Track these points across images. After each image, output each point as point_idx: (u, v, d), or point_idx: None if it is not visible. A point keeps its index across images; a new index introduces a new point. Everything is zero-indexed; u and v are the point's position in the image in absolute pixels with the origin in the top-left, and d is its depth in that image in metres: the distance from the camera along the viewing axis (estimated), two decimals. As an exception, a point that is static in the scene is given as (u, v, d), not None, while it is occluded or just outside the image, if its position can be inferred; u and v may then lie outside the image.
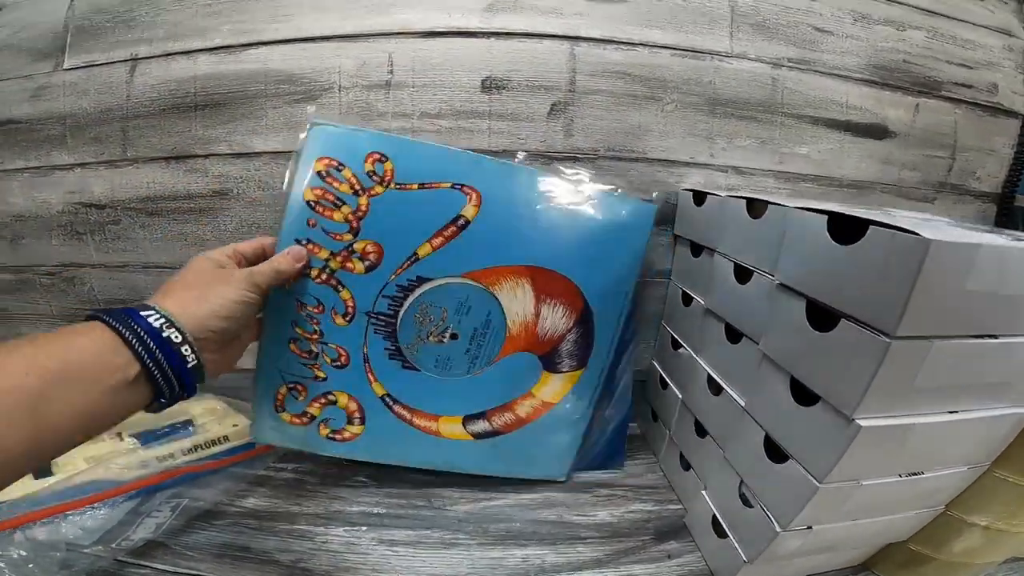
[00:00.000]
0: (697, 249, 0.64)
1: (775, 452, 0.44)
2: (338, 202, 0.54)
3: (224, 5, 0.68)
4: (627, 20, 0.67)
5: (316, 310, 0.56)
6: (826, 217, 0.39)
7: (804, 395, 0.41)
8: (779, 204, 0.46)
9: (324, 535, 0.56)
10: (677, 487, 0.65)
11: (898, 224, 0.32)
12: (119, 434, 0.64)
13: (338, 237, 0.54)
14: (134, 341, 0.36)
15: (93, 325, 0.37)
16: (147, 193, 0.73)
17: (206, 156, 0.71)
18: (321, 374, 0.58)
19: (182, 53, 0.69)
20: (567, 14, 0.66)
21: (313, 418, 0.59)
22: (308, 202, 0.53)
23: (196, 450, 0.63)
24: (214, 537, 0.55)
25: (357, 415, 0.60)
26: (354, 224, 0.54)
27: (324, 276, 0.55)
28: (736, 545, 0.49)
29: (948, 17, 0.73)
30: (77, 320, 0.37)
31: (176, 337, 0.38)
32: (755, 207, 0.50)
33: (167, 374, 0.38)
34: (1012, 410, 0.40)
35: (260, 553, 0.53)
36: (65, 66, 0.71)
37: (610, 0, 0.67)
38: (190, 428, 0.67)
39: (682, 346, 0.65)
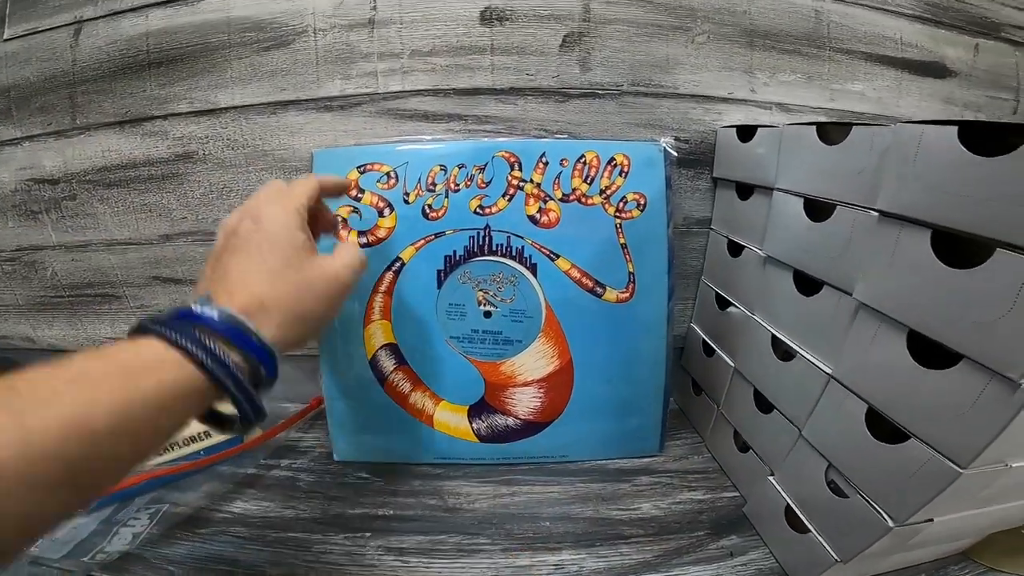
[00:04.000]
0: (745, 190, 0.55)
1: (882, 429, 0.36)
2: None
3: (177, -49, 0.59)
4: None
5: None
6: (956, 127, 0.30)
7: (929, 355, 0.32)
8: (868, 124, 0.37)
9: (322, 543, 0.50)
10: (732, 472, 0.57)
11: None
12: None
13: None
14: (233, 388, 0.29)
15: (167, 361, 0.28)
16: (103, 163, 0.65)
17: (164, 117, 0.62)
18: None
19: (131, 10, 0.61)
20: (573, -66, 0.58)
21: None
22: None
23: (173, 448, 0.56)
24: (197, 548, 0.49)
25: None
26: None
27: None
28: (822, 541, 0.41)
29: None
30: (45, 308, 0.28)
31: (268, 373, 0.32)
32: (829, 132, 0.41)
33: (257, 407, 0.31)
34: None
35: (249, 567, 0.47)
36: (5, 37, 0.63)
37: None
38: (165, 424, 0.59)
39: (732, 304, 0.57)
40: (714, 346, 0.60)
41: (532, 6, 0.58)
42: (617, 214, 0.55)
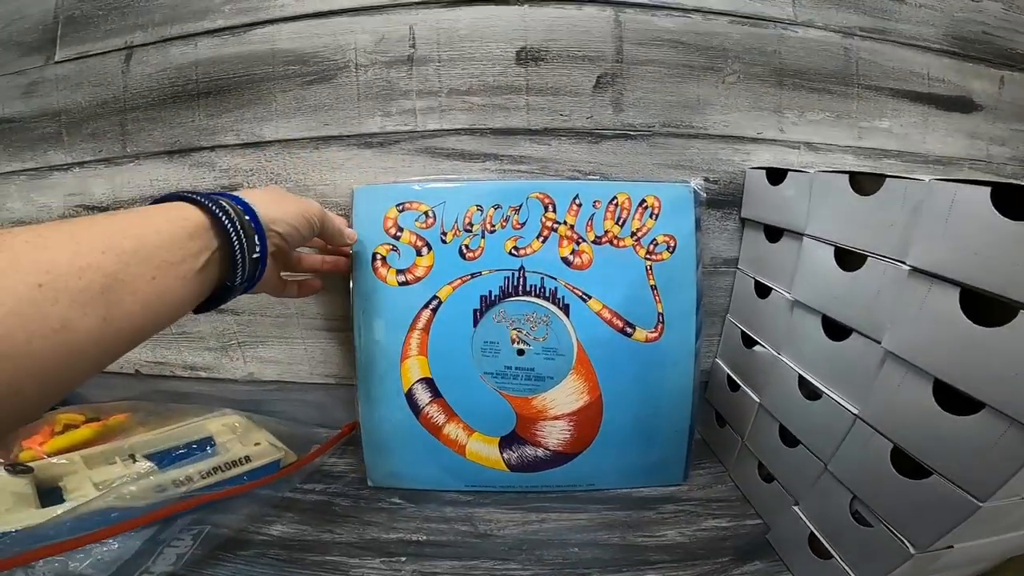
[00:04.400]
0: (774, 233, 0.56)
1: (906, 465, 0.38)
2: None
3: (226, -18, 0.62)
4: (676, -17, 0.60)
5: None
6: (989, 189, 0.31)
7: (952, 399, 0.34)
8: (902, 177, 0.38)
9: (359, 568, 0.51)
10: (756, 500, 0.58)
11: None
12: (132, 456, 0.59)
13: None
14: (223, 217, 0.36)
15: (173, 205, 0.36)
16: (151, 191, 0.67)
17: (212, 148, 0.65)
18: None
19: (180, 38, 0.63)
20: (608, -24, 0.60)
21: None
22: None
23: (216, 472, 0.57)
24: (240, 570, 0.50)
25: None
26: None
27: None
28: (845, 567, 0.43)
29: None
30: None
31: (253, 223, 0.39)
32: (861, 182, 0.43)
33: (245, 252, 0.38)
34: None
35: None
36: (57, 59, 0.66)
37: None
38: (208, 448, 0.62)
39: (758, 343, 0.58)
40: (739, 382, 0.61)
41: (566, 47, 0.60)
42: (647, 256, 0.58)
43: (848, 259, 0.44)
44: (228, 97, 0.63)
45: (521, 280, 0.58)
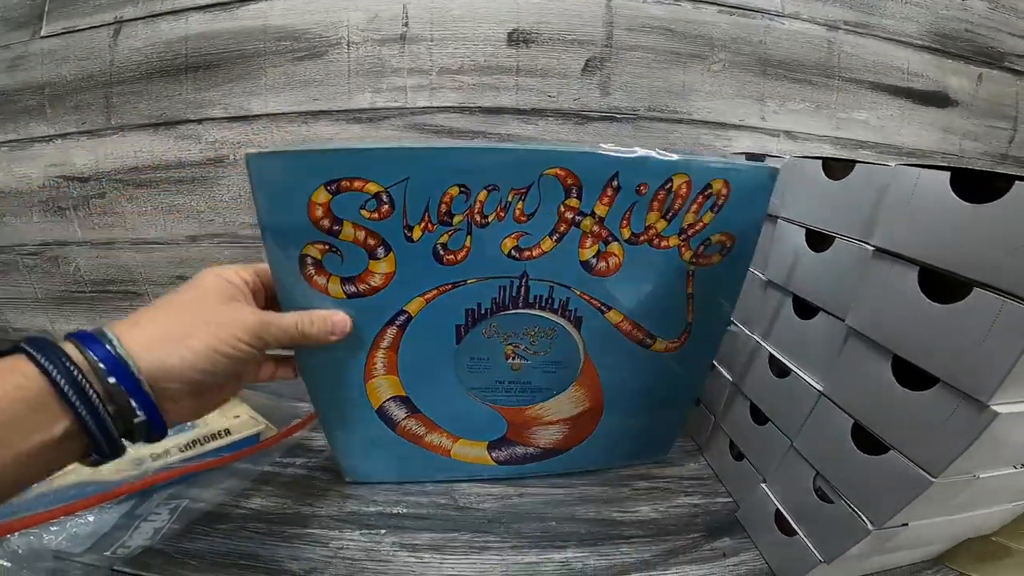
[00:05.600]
0: (751, 217, 0.57)
1: (865, 442, 0.39)
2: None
3: (218, -44, 0.61)
4: (667, -29, 0.61)
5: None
6: (949, 174, 0.33)
7: (910, 377, 0.35)
8: (871, 163, 0.40)
9: (339, 540, 0.51)
10: (726, 478, 0.60)
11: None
12: (111, 429, 0.58)
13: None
14: (65, 386, 0.27)
15: (11, 362, 0.27)
16: (134, 163, 0.67)
17: (199, 121, 0.65)
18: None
19: (170, 13, 0.62)
20: (601, -38, 0.60)
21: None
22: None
23: (195, 445, 0.57)
24: (218, 543, 0.49)
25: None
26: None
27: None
28: (808, 543, 0.44)
29: (1009, -11, 0.69)
30: (65, 303, 0.31)
31: (123, 385, 0.29)
32: (832, 168, 0.44)
33: (107, 428, 0.29)
34: None
35: (270, 561, 0.48)
36: (43, 33, 0.65)
37: (648, -53, 0.61)
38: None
39: (733, 323, 0.59)
40: (715, 362, 0.62)
41: (558, 30, 0.60)
42: (694, 259, 0.45)
43: (818, 240, 0.45)
44: (217, 71, 0.63)
45: (523, 291, 0.44)
